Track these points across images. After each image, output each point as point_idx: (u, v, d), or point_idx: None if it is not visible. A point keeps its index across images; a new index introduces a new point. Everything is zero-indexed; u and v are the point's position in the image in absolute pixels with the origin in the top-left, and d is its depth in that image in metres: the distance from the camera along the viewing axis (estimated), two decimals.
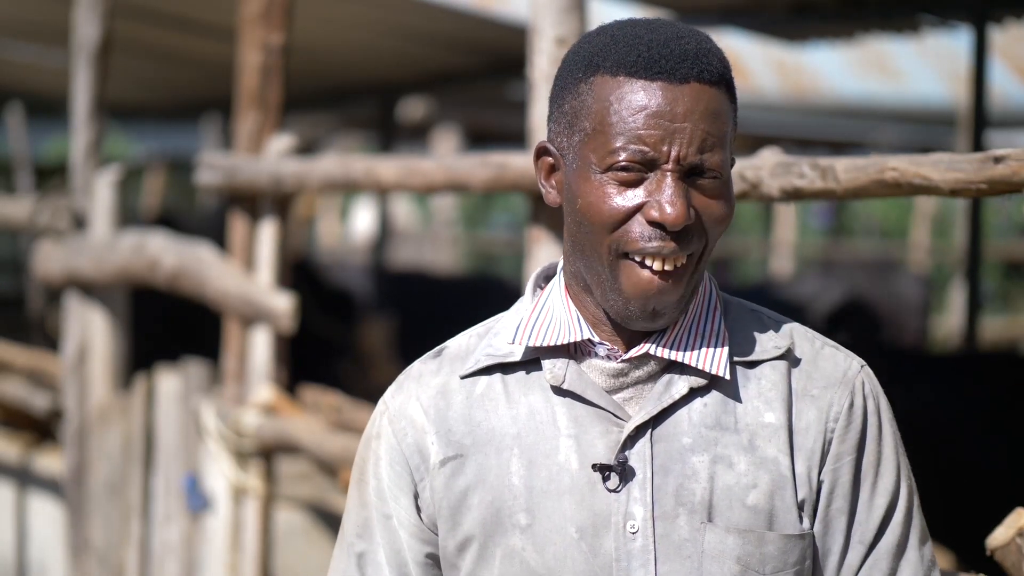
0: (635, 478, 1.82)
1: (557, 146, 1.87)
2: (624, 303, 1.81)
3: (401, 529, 1.89)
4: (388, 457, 1.90)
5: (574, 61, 1.85)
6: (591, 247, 1.82)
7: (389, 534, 1.90)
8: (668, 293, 1.80)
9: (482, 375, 1.90)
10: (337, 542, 1.96)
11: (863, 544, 1.86)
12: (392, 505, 1.89)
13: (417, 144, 14.93)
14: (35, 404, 5.76)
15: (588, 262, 1.83)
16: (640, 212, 1.79)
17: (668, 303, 1.81)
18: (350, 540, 1.93)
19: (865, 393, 1.88)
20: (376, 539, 1.90)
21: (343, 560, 1.93)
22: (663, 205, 1.77)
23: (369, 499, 1.91)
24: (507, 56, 7.89)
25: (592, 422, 1.84)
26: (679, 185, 1.78)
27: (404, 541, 1.89)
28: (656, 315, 1.81)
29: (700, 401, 1.85)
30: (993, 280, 16.81)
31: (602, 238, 1.80)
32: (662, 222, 1.77)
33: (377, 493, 1.90)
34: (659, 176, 1.78)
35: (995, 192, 2.39)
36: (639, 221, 1.79)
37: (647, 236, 1.78)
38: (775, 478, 1.83)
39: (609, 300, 1.82)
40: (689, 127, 1.77)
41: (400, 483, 1.89)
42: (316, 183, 4.23)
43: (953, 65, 13.43)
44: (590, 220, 1.80)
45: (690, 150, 1.77)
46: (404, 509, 1.89)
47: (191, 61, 8.85)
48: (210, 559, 4.66)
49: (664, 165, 1.78)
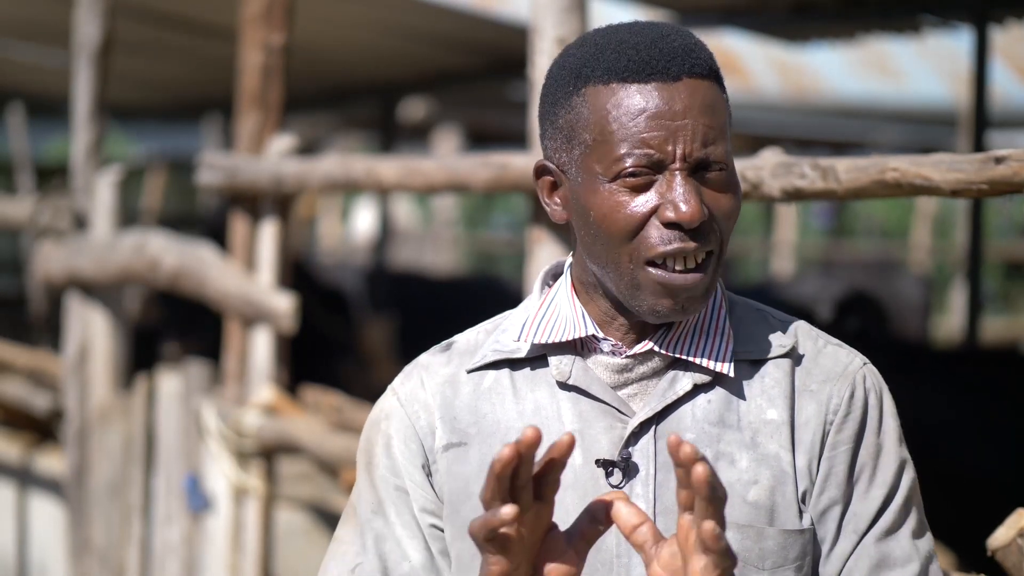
0: (638, 474, 1.83)
1: (556, 163, 1.86)
2: (653, 303, 1.81)
3: (416, 505, 1.89)
4: (402, 435, 1.90)
5: (560, 76, 1.84)
6: (609, 258, 1.82)
7: (407, 508, 1.89)
8: (696, 288, 1.80)
9: (489, 370, 1.91)
10: (343, 523, 1.94)
11: (856, 533, 1.86)
12: (407, 483, 1.89)
13: (418, 144, 14.93)
14: (36, 404, 5.76)
15: (607, 270, 1.83)
16: (655, 216, 1.79)
17: (696, 296, 1.81)
18: (365, 518, 1.91)
19: (867, 387, 1.88)
20: (392, 516, 1.90)
21: (356, 541, 1.91)
22: (677, 204, 1.77)
23: (382, 477, 1.91)
24: (508, 56, 7.89)
25: (596, 417, 1.85)
26: (689, 182, 1.78)
27: (419, 516, 1.89)
28: (686, 310, 1.82)
29: (704, 398, 1.85)
30: (994, 280, 16.82)
31: (621, 248, 1.80)
32: (679, 221, 1.77)
33: (391, 470, 1.90)
34: (668, 176, 1.78)
35: (996, 192, 2.39)
36: (655, 225, 1.79)
37: (666, 239, 1.78)
38: (776, 474, 1.84)
39: (634, 302, 1.82)
40: (690, 123, 1.78)
41: (415, 460, 1.89)
42: (317, 183, 4.23)
43: (954, 65, 13.42)
44: (607, 232, 1.80)
45: (694, 146, 1.78)
46: (419, 485, 1.89)
47: (192, 61, 8.85)
48: (211, 559, 4.66)
49: (671, 165, 1.78)
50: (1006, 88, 12.54)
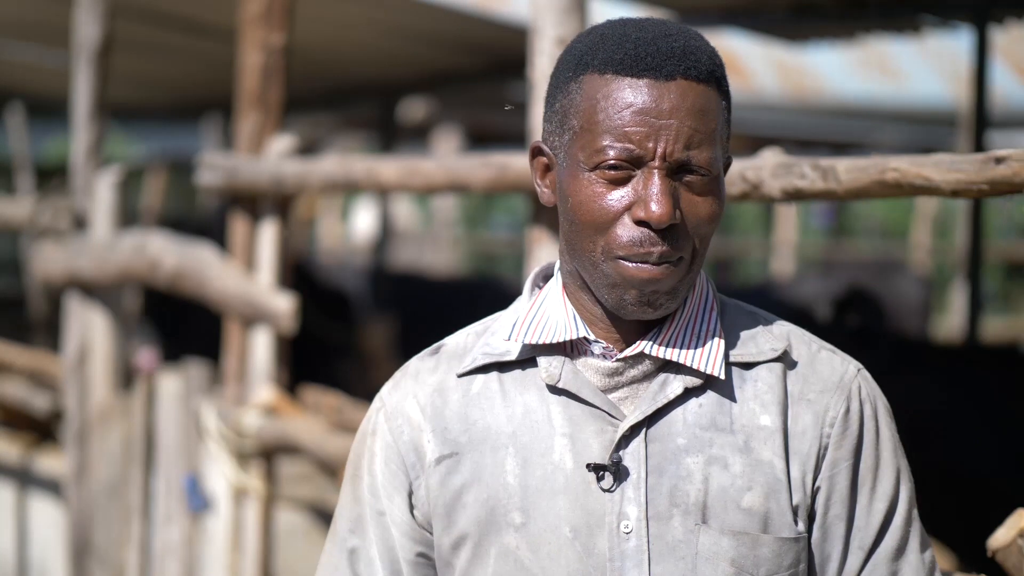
0: (629, 478, 1.82)
1: (550, 145, 1.87)
2: (620, 294, 1.80)
3: (394, 527, 1.90)
4: (383, 454, 1.91)
5: (565, 61, 1.86)
6: (583, 246, 1.81)
7: (382, 531, 1.90)
8: (661, 282, 1.79)
9: (479, 374, 1.90)
10: (328, 536, 1.96)
11: (862, 549, 1.86)
12: (386, 502, 1.90)
13: (418, 145, 14.93)
14: (36, 405, 5.76)
15: (581, 260, 1.83)
16: (627, 213, 1.78)
17: (663, 290, 1.80)
18: (343, 535, 1.93)
19: (862, 397, 1.88)
20: (369, 535, 1.91)
21: (335, 555, 1.94)
22: (648, 203, 1.76)
23: (363, 495, 1.92)
24: (508, 56, 7.89)
25: (587, 421, 1.84)
26: (665, 182, 1.77)
27: (396, 539, 1.90)
28: (652, 304, 1.81)
29: (695, 401, 1.85)
30: (994, 281, 16.83)
31: (594, 238, 1.80)
32: (647, 220, 1.76)
33: (371, 490, 1.91)
34: (646, 173, 1.78)
35: (996, 193, 2.39)
36: (626, 224, 1.78)
37: (636, 240, 1.78)
38: (770, 481, 1.83)
39: (604, 293, 1.82)
40: (675, 123, 1.77)
41: (395, 481, 1.90)
42: (317, 184, 4.23)
43: (954, 65, 13.41)
44: (580, 219, 1.80)
45: (676, 146, 1.77)
46: (397, 507, 1.89)
47: (192, 61, 8.85)
48: (211, 560, 4.66)
49: (651, 162, 1.77)
50: (1006, 88, 12.53)
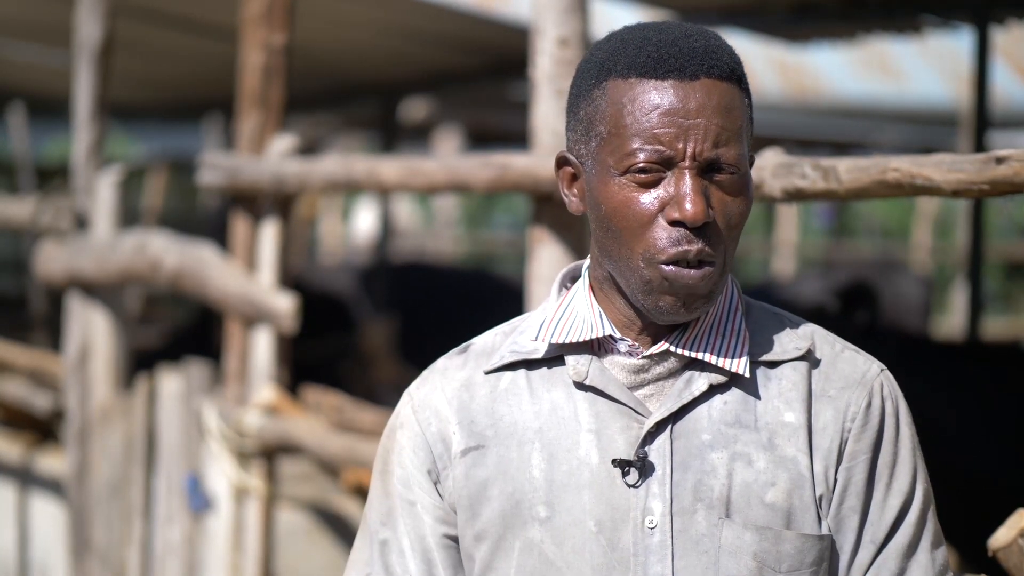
0: (654, 474, 1.84)
1: (576, 154, 1.88)
2: (656, 300, 1.82)
3: (425, 514, 1.91)
4: (412, 445, 1.93)
5: (587, 68, 1.87)
6: (620, 252, 1.83)
7: (414, 520, 1.92)
8: (699, 285, 1.81)
9: (506, 371, 1.92)
10: (359, 532, 1.98)
11: (874, 544, 1.87)
12: (417, 491, 1.92)
13: (419, 144, 14.93)
14: (37, 404, 5.76)
15: (618, 265, 1.85)
16: (661, 214, 1.80)
17: (701, 294, 1.82)
18: (374, 528, 1.94)
19: (884, 395, 1.90)
20: (400, 527, 1.92)
21: (366, 549, 1.95)
22: (682, 203, 1.79)
23: (393, 488, 1.93)
24: (509, 56, 7.88)
25: (613, 417, 1.87)
26: (697, 181, 1.79)
27: (428, 526, 1.91)
28: (688, 307, 1.83)
29: (720, 399, 1.87)
30: (995, 281, 16.83)
31: (631, 243, 1.81)
32: (682, 219, 1.79)
33: (402, 481, 1.93)
34: (677, 174, 1.80)
35: (997, 193, 2.39)
36: (662, 226, 1.80)
37: (673, 240, 1.80)
38: (794, 477, 1.85)
39: (641, 298, 1.84)
40: (703, 122, 1.79)
41: (424, 470, 1.92)
42: (318, 183, 4.23)
43: (955, 65, 13.42)
44: (616, 224, 1.82)
45: (705, 145, 1.79)
46: (428, 494, 1.91)
47: (193, 61, 8.85)
48: (212, 559, 4.66)
49: (681, 163, 1.80)
50: (1007, 88, 12.55)
